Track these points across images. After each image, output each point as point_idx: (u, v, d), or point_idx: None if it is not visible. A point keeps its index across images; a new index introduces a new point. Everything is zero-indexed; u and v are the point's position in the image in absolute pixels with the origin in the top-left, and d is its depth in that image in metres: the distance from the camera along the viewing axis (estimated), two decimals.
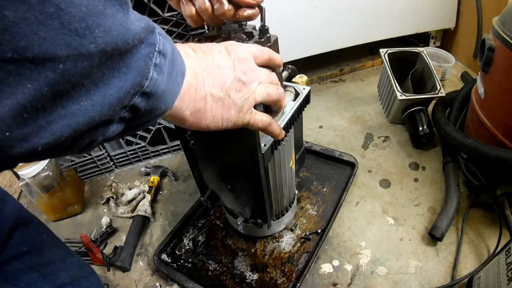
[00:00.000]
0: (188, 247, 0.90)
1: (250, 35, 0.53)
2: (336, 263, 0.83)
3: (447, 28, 1.50)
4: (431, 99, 1.14)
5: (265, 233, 0.87)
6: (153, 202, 1.07)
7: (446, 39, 1.58)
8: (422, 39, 1.60)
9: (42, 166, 0.94)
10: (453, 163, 0.98)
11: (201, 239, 0.92)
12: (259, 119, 0.44)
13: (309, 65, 1.56)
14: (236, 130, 0.44)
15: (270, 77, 0.45)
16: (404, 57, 1.25)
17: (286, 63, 0.81)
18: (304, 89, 0.71)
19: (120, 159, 1.21)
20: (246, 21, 0.54)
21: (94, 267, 0.88)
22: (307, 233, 0.87)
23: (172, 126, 1.12)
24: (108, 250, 0.94)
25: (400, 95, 1.09)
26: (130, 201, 1.05)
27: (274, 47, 0.57)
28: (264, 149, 0.57)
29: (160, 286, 0.84)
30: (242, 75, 0.40)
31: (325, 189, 1.00)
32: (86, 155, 1.14)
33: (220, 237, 0.91)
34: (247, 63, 0.42)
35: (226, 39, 0.53)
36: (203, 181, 0.75)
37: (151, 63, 0.28)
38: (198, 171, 0.72)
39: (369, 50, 1.62)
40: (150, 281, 0.86)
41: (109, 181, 1.11)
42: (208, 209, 0.99)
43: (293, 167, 0.79)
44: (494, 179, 0.88)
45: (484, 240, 0.84)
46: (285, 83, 0.72)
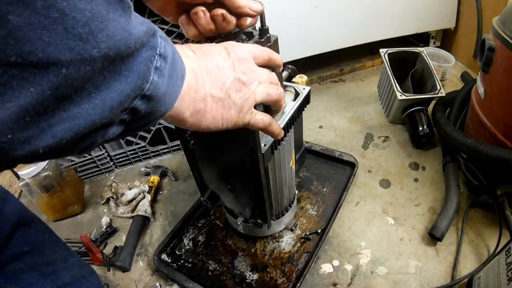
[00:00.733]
0: (188, 247, 0.90)
1: (250, 35, 0.53)
2: (336, 263, 0.83)
3: (447, 28, 1.50)
4: (431, 99, 1.14)
5: (265, 233, 0.87)
6: (153, 202, 1.07)
7: (446, 39, 1.58)
8: (422, 39, 1.60)
9: (42, 166, 0.94)
10: (453, 163, 0.98)
11: (201, 239, 0.92)
12: (259, 119, 0.44)
13: (309, 65, 1.56)
14: (236, 130, 0.44)
15: (270, 77, 0.45)
16: (404, 57, 1.25)
17: (286, 63, 0.81)
18: (304, 89, 0.71)
19: (120, 159, 1.21)
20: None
21: (94, 267, 0.88)
22: (307, 233, 0.87)
23: (173, 126, 1.12)
24: (108, 250, 0.94)
25: (400, 95, 1.09)
26: (130, 201, 1.05)
27: (274, 47, 0.57)
28: (264, 149, 0.57)
29: (160, 286, 0.84)
30: (242, 76, 0.40)
31: (325, 189, 1.00)
32: (86, 155, 1.14)
33: (220, 237, 0.91)
34: (247, 64, 0.42)
35: (226, 39, 0.53)
36: (203, 181, 0.75)
37: (152, 67, 0.28)
38: (198, 171, 0.72)
39: (369, 50, 1.62)
40: (150, 281, 0.86)
41: (109, 181, 1.11)
42: (208, 209, 0.99)
43: (293, 167, 0.79)
44: (494, 179, 0.88)
45: (484, 240, 0.84)
46: (285, 83, 0.72)
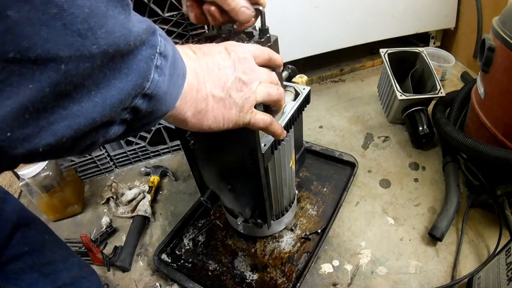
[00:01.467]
0: (188, 247, 0.90)
1: (250, 35, 0.53)
2: (336, 263, 0.83)
3: (447, 28, 1.50)
4: (431, 99, 1.14)
5: (265, 233, 0.87)
6: (153, 202, 1.07)
7: (446, 39, 1.58)
8: (422, 39, 1.60)
9: (42, 166, 0.94)
10: (453, 163, 0.98)
11: (201, 239, 0.92)
12: (260, 119, 0.44)
13: (309, 65, 1.56)
14: (236, 130, 0.44)
15: (270, 77, 0.45)
16: (404, 57, 1.25)
17: (286, 63, 0.81)
18: (304, 89, 0.71)
19: (120, 159, 1.21)
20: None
21: (94, 267, 0.88)
22: (307, 233, 0.87)
23: (173, 126, 1.12)
24: (108, 250, 0.94)
25: (400, 95, 1.09)
26: (130, 201, 1.05)
27: (274, 47, 0.57)
28: (264, 149, 0.57)
29: (160, 286, 0.84)
30: (243, 75, 0.41)
31: (325, 189, 1.00)
32: (86, 155, 1.14)
33: (220, 237, 0.91)
34: (248, 63, 0.42)
35: (226, 39, 0.53)
36: (203, 181, 0.75)
37: (152, 65, 0.28)
38: (198, 171, 0.72)
39: (369, 50, 1.62)
40: (150, 281, 0.86)
41: (109, 181, 1.11)
42: (208, 209, 0.99)
43: (293, 167, 0.79)
44: (494, 179, 0.88)
45: (484, 240, 0.84)
46: (285, 83, 0.72)
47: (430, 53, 1.36)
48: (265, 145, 0.57)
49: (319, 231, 0.88)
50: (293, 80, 0.78)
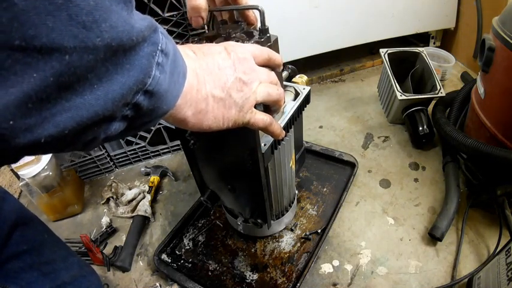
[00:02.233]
0: (188, 247, 0.90)
1: (250, 35, 0.53)
2: (336, 263, 0.83)
3: (447, 28, 1.50)
4: (431, 99, 1.14)
5: (265, 233, 0.87)
6: (153, 202, 1.07)
7: (446, 39, 1.58)
8: (422, 39, 1.60)
9: (42, 166, 0.94)
10: (453, 163, 0.98)
11: (201, 239, 0.92)
12: (259, 119, 0.45)
13: (309, 65, 1.56)
14: (236, 130, 0.44)
15: (269, 77, 0.45)
16: (404, 57, 1.25)
17: (286, 63, 0.81)
18: (304, 89, 0.71)
19: (120, 159, 1.21)
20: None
21: (94, 267, 0.88)
22: (307, 233, 0.87)
23: (173, 126, 1.12)
24: (108, 250, 0.94)
25: (400, 95, 1.09)
26: (130, 201, 1.05)
27: (274, 47, 0.57)
28: (264, 149, 0.57)
29: (160, 286, 0.84)
30: (243, 75, 0.41)
31: (325, 189, 1.00)
32: (86, 154, 1.14)
33: (220, 237, 0.91)
34: (247, 63, 0.42)
35: (227, 39, 0.53)
36: (203, 181, 0.75)
37: (153, 62, 0.28)
38: (198, 171, 0.72)
39: (369, 50, 1.62)
40: (150, 281, 0.86)
41: (109, 181, 1.11)
42: (208, 209, 0.99)
43: (293, 167, 0.79)
44: (494, 179, 0.88)
45: (484, 240, 0.84)
46: (285, 83, 0.72)
47: (430, 53, 1.36)
48: (265, 145, 0.57)
49: (319, 231, 0.88)
50: (293, 80, 0.78)
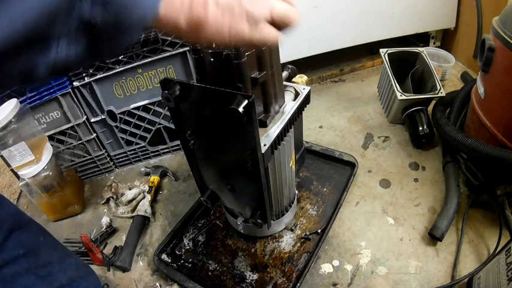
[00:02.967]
0: (188, 247, 0.90)
1: None
2: (336, 263, 0.83)
3: (447, 28, 1.50)
4: (431, 99, 1.14)
5: (265, 233, 0.87)
6: (153, 202, 1.07)
7: (446, 39, 1.58)
8: (422, 39, 1.60)
9: (42, 166, 0.94)
10: (453, 163, 0.98)
11: (201, 239, 0.92)
12: (274, 35, 0.37)
13: (309, 65, 1.56)
14: (236, 130, 0.44)
15: None
16: (404, 57, 1.25)
17: (286, 63, 0.81)
18: (304, 89, 0.71)
19: (120, 159, 1.21)
20: None
21: (94, 267, 0.88)
22: (307, 233, 0.87)
23: (173, 126, 1.12)
24: (108, 250, 0.94)
25: (400, 95, 1.09)
26: (130, 201, 1.05)
27: (274, 46, 0.57)
28: (264, 149, 0.57)
29: (160, 286, 0.84)
30: None
31: (325, 189, 1.00)
32: (86, 154, 1.14)
33: (220, 237, 0.91)
34: None
35: None
36: (203, 181, 0.75)
37: None
38: (198, 171, 0.72)
39: (369, 50, 1.62)
40: (150, 281, 0.86)
41: (109, 181, 1.11)
42: (208, 209, 0.99)
43: (293, 167, 0.79)
44: (494, 179, 0.88)
45: (484, 240, 0.84)
46: (285, 83, 0.72)
47: (430, 53, 1.36)
48: (265, 145, 0.57)
49: (319, 231, 0.88)
50: (293, 80, 0.78)
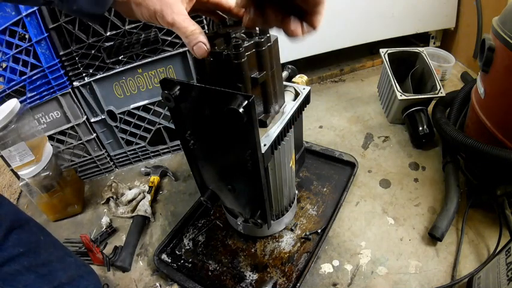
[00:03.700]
0: (188, 247, 0.90)
1: (250, 35, 0.53)
2: (336, 263, 0.83)
3: (447, 28, 1.50)
4: (431, 99, 1.14)
5: (265, 233, 0.87)
6: (153, 202, 1.07)
7: (446, 39, 1.58)
8: (422, 39, 1.60)
9: (42, 166, 0.94)
10: (453, 163, 0.98)
11: (201, 239, 0.92)
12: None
13: (309, 65, 1.56)
14: (236, 130, 0.44)
15: None
16: (404, 57, 1.25)
17: (286, 63, 0.81)
18: (304, 89, 0.71)
19: (120, 159, 1.21)
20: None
21: (94, 267, 0.88)
22: (307, 233, 0.87)
23: (173, 126, 1.12)
24: (108, 250, 0.94)
25: (400, 95, 1.09)
26: (130, 201, 1.05)
27: (274, 47, 0.57)
28: (264, 149, 0.57)
29: (160, 286, 0.84)
30: None
31: (325, 189, 1.00)
32: (86, 154, 1.14)
33: (220, 237, 0.91)
34: None
35: (226, 39, 0.53)
36: (203, 181, 0.75)
37: None
38: (198, 171, 0.72)
39: (369, 50, 1.62)
40: (150, 281, 0.86)
41: (109, 181, 1.11)
42: (208, 209, 0.99)
43: (293, 167, 0.79)
44: (494, 179, 0.88)
45: (484, 240, 0.84)
46: (285, 83, 0.72)
47: (430, 53, 1.36)
48: (265, 145, 0.57)
49: (319, 231, 0.88)
50: (293, 80, 0.78)
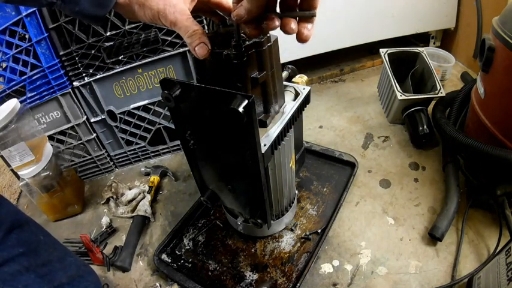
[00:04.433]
0: (188, 247, 0.90)
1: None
2: (336, 263, 0.83)
3: (447, 28, 1.50)
4: (431, 99, 1.14)
5: (265, 233, 0.87)
6: (153, 202, 1.07)
7: (446, 39, 1.58)
8: (422, 39, 1.60)
9: (42, 166, 0.94)
10: (453, 163, 0.98)
11: (201, 239, 0.92)
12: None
13: (309, 65, 1.56)
14: (236, 130, 0.44)
15: None
16: (404, 57, 1.25)
17: (286, 63, 0.81)
18: (304, 89, 0.71)
19: (120, 159, 1.21)
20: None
21: (94, 267, 0.88)
22: (307, 233, 0.87)
23: (173, 126, 1.12)
24: (108, 250, 0.94)
25: (400, 95, 1.09)
26: (130, 201, 1.05)
27: (274, 47, 0.57)
28: (264, 149, 0.57)
29: (160, 286, 0.84)
30: None
31: (325, 189, 1.00)
32: (86, 154, 1.14)
33: (220, 237, 0.91)
34: None
35: (226, 40, 0.53)
36: (203, 181, 0.75)
37: None
38: (198, 171, 0.72)
39: (369, 50, 1.62)
40: (150, 281, 0.86)
41: (109, 181, 1.11)
42: (208, 209, 0.99)
43: (293, 167, 0.79)
44: (494, 179, 0.87)
45: (484, 240, 0.84)
46: (285, 83, 0.72)
47: (430, 53, 1.36)
48: (265, 145, 0.57)
49: (319, 231, 0.88)
50: (293, 80, 0.78)
